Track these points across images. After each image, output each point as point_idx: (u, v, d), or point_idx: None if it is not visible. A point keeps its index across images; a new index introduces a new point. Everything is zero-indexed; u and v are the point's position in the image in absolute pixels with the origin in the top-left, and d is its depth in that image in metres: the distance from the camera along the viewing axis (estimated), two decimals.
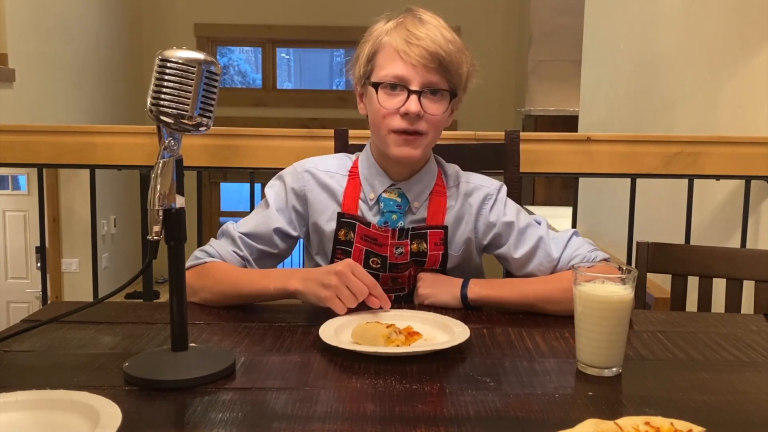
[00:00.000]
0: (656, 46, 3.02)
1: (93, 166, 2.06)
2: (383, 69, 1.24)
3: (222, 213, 6.61)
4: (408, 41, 1.21)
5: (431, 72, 1.22)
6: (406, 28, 1.22)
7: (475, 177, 1.37)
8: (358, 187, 1.33)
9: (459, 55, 1.24)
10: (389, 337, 1.02)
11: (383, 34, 1.25)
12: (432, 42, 1.21)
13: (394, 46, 1.22)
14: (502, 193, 1.35)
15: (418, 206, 1.31)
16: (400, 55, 1.21)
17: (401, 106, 1.22)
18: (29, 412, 0.80)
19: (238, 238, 1.29)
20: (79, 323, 1.13)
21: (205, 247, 1.30)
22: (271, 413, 0.82)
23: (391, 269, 1.30)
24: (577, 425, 0.75)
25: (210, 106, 0.92)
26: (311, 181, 1.33)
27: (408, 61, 1.21)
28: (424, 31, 1.22)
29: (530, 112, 5.41)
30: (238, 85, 7.07)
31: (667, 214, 2.64)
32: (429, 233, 1.30)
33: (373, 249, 1.29)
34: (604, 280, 0.95)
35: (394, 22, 1.26)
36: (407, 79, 1.22)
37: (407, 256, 1.29)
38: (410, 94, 1.22)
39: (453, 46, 1.23)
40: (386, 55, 1.24)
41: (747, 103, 2.29)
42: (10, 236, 4.89)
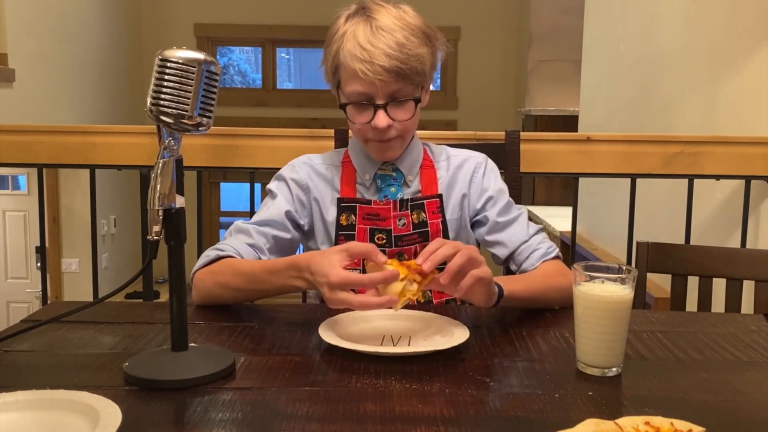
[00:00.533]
0: (656, 46, 3.02)
1: (93, 166, 2.06)
2: (347, 86, 1.27)
3: (222, 213, 6.62)
4: (362, 60, 1.21)
5: (391, 84, 1.24)
6: (358, 43, 1.22)
7: (462, 151, 1.45)
8: (353, 174, 1.38)
9: (417, 51, 1.24)
10: (405, 288, 1.00)
11: (340, 47, 1.25)
12: (386, 56, 1.21)
13: (350, 65, 1.23)
14: (490, 163, 1.43)
15: (412, 179, 1.38)
16: (358, 74, 1.23)
17: (371, 120, 1.27)
18: (29, 412, 0.80)
19: (252, 228, 1.30)
20: (79, 323, 1.13)
21: (217, 245, 1.30)
22: (271, 413, 0.82)
23: (397, 242, 1.33)
24: (577, 425, 0.75)
25: (210, 106, 0.92)
26: (310, 170, 1.39)
27: (367, 80, 1.23)
28: (376, 42, 1.21)
29: (530, 112, 5.41)
30: (238, 85, 7.08)
31: (667, 214, 2.64)
32: (426, 203, 1.36)
33: (377, 225, 1.33)
34: (604, 280, 0.95)
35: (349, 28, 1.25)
36: (370, 94, 1.26)
37: (410, 227, 1.34)
38: (376, 109, 1.26)
39: (409, 47, 1.22)
40: (347, 74, 1.26)
41: (747, 103, 2.29)
42: (10, 236, 4.89)
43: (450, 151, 1.44)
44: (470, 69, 6.34)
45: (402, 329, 1.10)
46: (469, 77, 6.34)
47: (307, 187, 1.38)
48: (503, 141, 1.62)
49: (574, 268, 0.97)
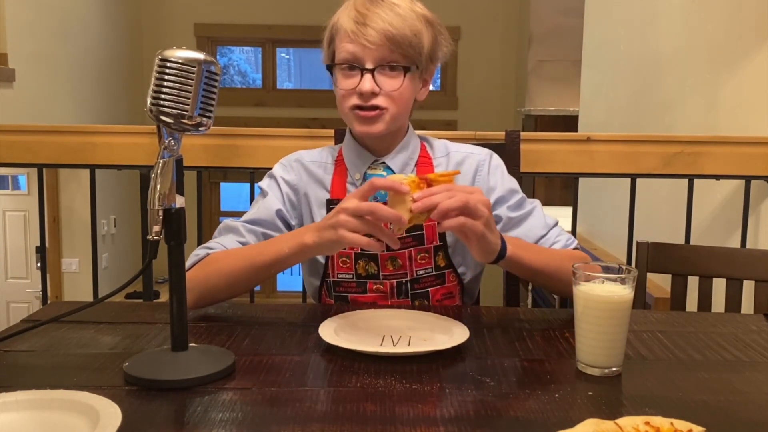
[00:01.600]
0: (656, 46, 3.02)
1: (93, 166, 2.07)
2: (338, 52, 1.26)
3: (222, 213, 6.61)
4: (356, 22, 1.22)
5: (383, 49, 1.22)
6: (356, 8, 1.24)
7: (465, 146, 1.39)
8: (345, 172, 1.35)
9: (413, 26, 1.24)
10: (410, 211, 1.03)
11: (337, 19, 1.27)
12: (381, 20, 1.22)
13: (344, 27, 1.24)
14: (495, 159, 1.38)
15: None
16: (350, 37, 1.23)
17: (357, 85, 1.24)
18: (29, 412, 0.80)
19: (241, 226, 1.29)
20: (79, 323, 1.13)
21: (207, 244, 1.28)
22: (271, 413, 0.82)
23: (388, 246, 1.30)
24: (577, 425, 0.75)
25: (210, 106, 0.92)
26: (301, 170, 1.36)
27: (358, 41, 1.22)
28: (373, 9, 1.23)
29: (530, 112, 5.41)
30: (238, 85, 7.08)
31: (667, 214, 2.64)
32: None
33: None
34: (604, 280, 0.95)
35: (346, 4, 1.28)
36: (359, 58, 1.24)
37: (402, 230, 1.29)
38: (364, 73, 1.24)
39: (405, 20, 1.23)
40: (340, 38, 1.26)
41: (747, 103, 2.29)
42: (10, 236, 4.89)
43: (451, 147, 1.39)
44: (470, 69, 6.34)
45: (402, 329, 1.10)
46: (469, 77, 6.34)
47: (297, 186, 1.35)
48: (503, 141, 1.62)
49: (573, 268, 0.97)
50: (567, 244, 1.30)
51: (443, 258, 1.32)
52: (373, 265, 1.30)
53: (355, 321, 1.13)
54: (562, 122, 5.13)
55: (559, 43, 5.44)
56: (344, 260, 1.31)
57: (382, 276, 1.30)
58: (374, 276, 1.30)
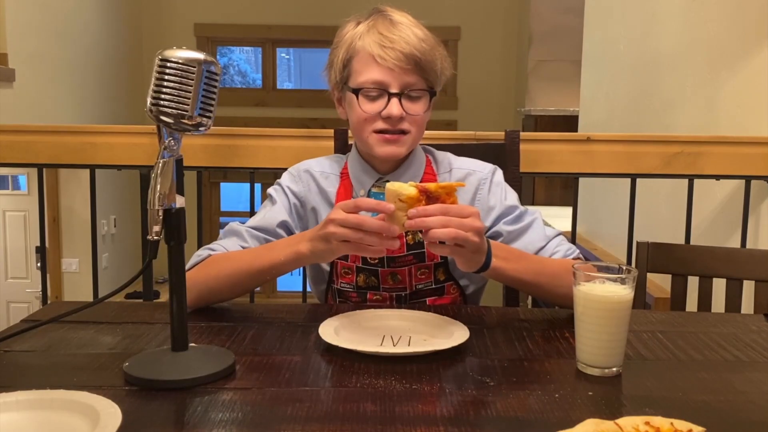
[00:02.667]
0: (656, 46, 3.02)
1: (93, 166, 2.07)
2: (361, 75, 1.25)
3: (222, 213, 6.62)
4: (382, 45, 1.22)
5: (408, 73, 1.23)
6: (379, 32, 1.23)
7: (468, 162, 1.38)
8: (349, 188, 1.35)
9: (433, 52, 1.25)
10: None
11: (356, 39, 1.26)
12: (406, 44, 1.22)
13: (368, 51, 1.23)
14: (497, 176, 1.36)
15: None
16: (376, 60, 1.22)
17: (382, 109, 1.24)
18: (29, 412, 0.80)
19: (245, 231, 1.29)
20: (79, 323, 1.13)
21: (210, 245, 1.29)
22: (270, 413, 0.82)
23: (390, 263, 1.30)
24: (577, 425, 0.75)
25: (210, 106, 0.92)
26: (310, 181, 1.36)
27: (385, 65, 1.22)
28: (396, 33, 1.23)
29: (530, 112, 5.41)
30: (238, 85, 7.08)
31: (667, 214, 2.64)
32: None
33: None
34: (604, 280, 0.95)
35: (365, 25, 1.26)
36: (386, 83, 1.24)
37: (404, 248, 1.30)
38: (390, 97, 1.24)
39: (426, 44, 1.24)
40: (362, 61, 1.25)
41: (747, 103, 2.29)
42: (10, 236, 4.89)
43: (454, 162, 1.38)
44: (470, 69, 6.33)
45: (402, 329, 1.10)
46: (469, 77, 6.34)
47: (305, 199, 1.35)
48: (503, 141, 1.62)
49: (573, 268, 0.97)
50: (567, 254, 1.28)
51: (443, 273, 1.33)
52: (374, 278, 1.32)
53: (355, 321, 1.13)
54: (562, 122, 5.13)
55: (559, 43, 5.44)
56: (346, 270, 1.33)
57: (382, 288, 1.32)
58: (374, 288, 1.32)
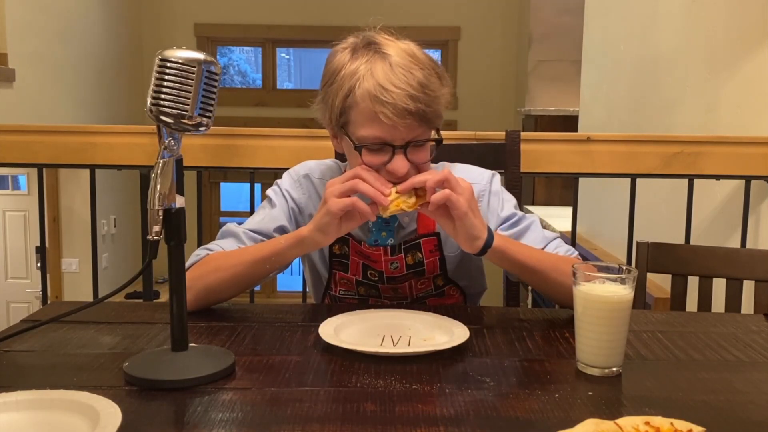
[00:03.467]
0: (656, 46, 3.02)
1: (93, 166, 2.06)
2: (361, 128, 1.15)
3: (222, 213, 6.61)
4: (384, 101, 1.10)
5: (413, 128, 1.14)
6: (378, 82, 1.11)
7: (465, 171, 1.34)
8: None
9: (437, 94, 1.15)
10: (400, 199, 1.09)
11: (354, 87, 1.14)
12: (408, 97, 1.10)
13: (369, 106, 1.12)
14: (494, 185, 1.33)
15: (408, 220, 1.30)
16: (379, 117, 1.12)
17: (386, 161, 1.15)
18: (29, 412, 0.80)
19: (242, 233, 1.28)
20: (79, 323, 1.13)
21: (207, 245, 1.28)
22: (270, 413, 0.82)
23: (389, 282, 1.30)
24: (577, 425, 0.75)
25: (210, 106, 0.92)
26: (310, 187, 1.34)
27: (387, 123, 1.12)
28: (397, 82, 1.11)
29: (530, 112, 5.41)
30: (238, 85, 7.07)
31: (667, 214, 2.64)
32: (422, 242, 1.29)
33: (369, 264, 1.29)
34: (604, 280, 0.95)
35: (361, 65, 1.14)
36: (389, 139, 1.14)
37: (403, 269, 1.29)
38: (396, 151, 1.15)
39: (429, 89, 1.13)
40: (362, 115, 1.14)
41: (747, 103, 2.29)
42: (10, 236, 4.89)
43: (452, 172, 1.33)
44: (470, 69, 6.34)
45: (402, 329, 1.10)
46: (469, 77, 6.34)
47: (304, 206, 1.33)
48: (503, 141, 1.62)
49: (573, 268, 0.97)
50: (566, 254, 1.26)
51: (442, 279, 1.33)
52: (374, 291, 1.32)
53: (355, 321, 1.13)
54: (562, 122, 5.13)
55: (559, 43, 5.44)
56: (346, 282, 1.33)
57: (384, 297, 1.32)
58: (375, 297, 1.32)
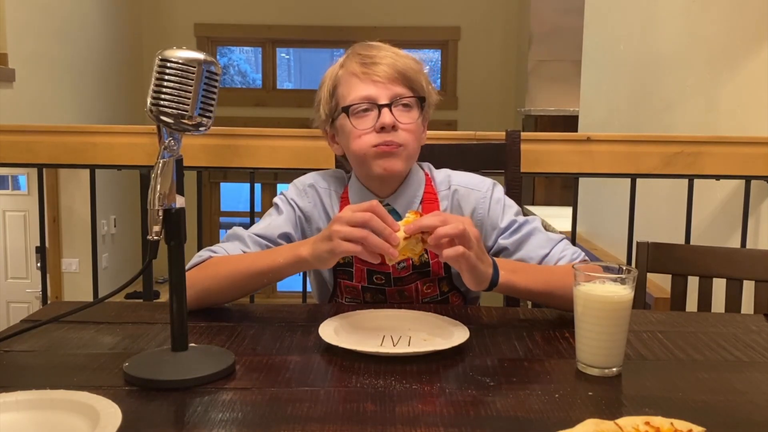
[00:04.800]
0: (656, 46, 3.02)
1: (93, 166, 2.07)
2: (348, 95, 1.26)
3: (222, 213, 6.62)
4: (364, 63, 1.26)
5: (395, 84, 1.25)
6: (358, 53, 1.27)
7: (466, 179, 1.35)
8: None
9: (416, 66, 1.29)
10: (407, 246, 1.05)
11: (337, 68, 1.30)
12: (388, 58, 1.26)
13: (351, 71, 1.26)
14: (496, 193, 1.33)
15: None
16: (360, 78, 1.25)
17: (375, 122, 1.24)
18: (29, 412, 0.80)
19: (247, 237, 1.28)
20: (79, 323, 1.13)
21: (212, 247, 1.28)
22: (270, 413, 0.82)
23: (396, 283, 1.30)
24: (577, 425, 0.75)
25: (210, 106, 0.92)
26: (316, 197, 1.35)
27: (370, 80, 1.25)
28: (375, 51, 1.27)
29: (530, 112, 5.41)
30: (238, 85, 7.08)
31: (667, 214, 2.64)
32: None
33: (374, 267, 1.28)
34: (605, 280, 0.95)
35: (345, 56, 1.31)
36: (374, 96, 1.24)
37: (410, 269, 1.29)
38: (381, 109, 1.24)
39: (408, 58, 1.28)
40: (347, 83, 1.27)
41: (747, 103, 2.29)
42: (10, 236, 4.90)
43: (453, 180, 1.35)
44: (470, 69, 6.34)
45: (402, 329, 1.10)
46: (469, 77, 6.34)
47: (310, 214, 1.33)
48: (503, 141, 1.62)
49: (574, 268, 0.97)
50: (573, 258, 1.26)
51: (447, 284, 1.33)
52: (381, 296, 1.32)
53: (355, 321, 1.13)
54: (562, 122, 5.13)
55: (559, 43, 5.44)
56: (351, 290, 1.32)
57: (390, 302, 1.32)
58: (381, 302, 1.32)
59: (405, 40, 5.60)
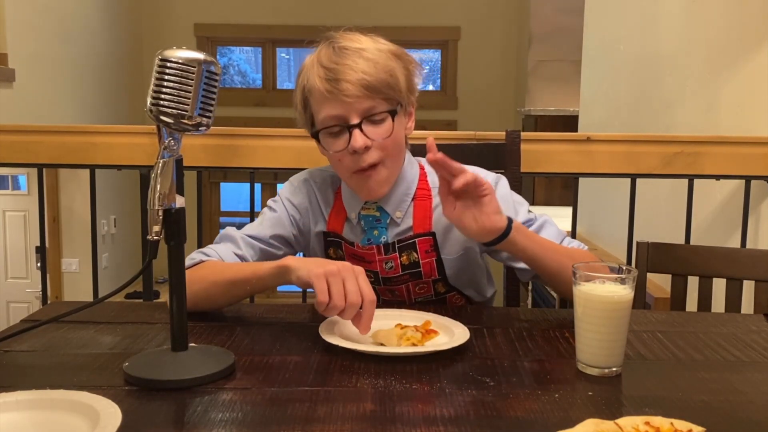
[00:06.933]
0: (656, 46, 3.02)
1: (93, 166, 2.06)
2: (319, 113, 1.20)
3: (222, 213, 6.61)
4: (327, 79, 1.16)
5: (363, 100, 1.17)
6: (321, 65, 1.18)
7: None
8: (342, 211, 1.31)
9: (386, 66, 1.18)
10: (405, 335, 1.03)
11: (305, 79, 1.21)
12: (353, 71, 1.15)
13: (318, 88, 1.17)
14: (501, 189, 1.29)
15: (401, 215, 1.28)
16: (326, 96, 1.17)
17: (347, 145, 1.18)
18: (29, 412, 0.80)
19: (240, 238, 1.27)
20: (79, 323, 1.13)
21: (203, 249, 1.27)
22: (270, 413, 0.82)
23: (385, 283, 1.29)
24: (577, 425, 0.75)
25: (210, 106, 0.92)
26: (310, 190, 1.33)
27: (336, 99, 1.16)
28: (341, 62, 1.16)
29: (530, 112, 5.41)
30: (238, 85, 7.08)
31: (667, 214, 2.64)
32: (417, 242, 1.26)
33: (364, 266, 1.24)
34: (605, 280, 0.95)
35: (310, 59, 1.22)
36: (342, 116, 1.18)
37: (398, 269, 1.27)
38: (351, 129, 1.17)
39: (377, 63, 1.17)
40: (316, 100, 1.20)
41: (747, 103, 2.29)
42: (10, 236, 4.89)
43: None
44: (470, 69, 6.34)
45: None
46: (469, 77, 6.34)
47: (306, 210, 1.33)
48: (503, 141, 1.62)
49: (574, 268, 0.97)
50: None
51: (443, 285, 1.31)
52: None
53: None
54: (562, 122, 5.13)
55: (559, 43, 5.44)
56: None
57: (382, 299, 1.30)
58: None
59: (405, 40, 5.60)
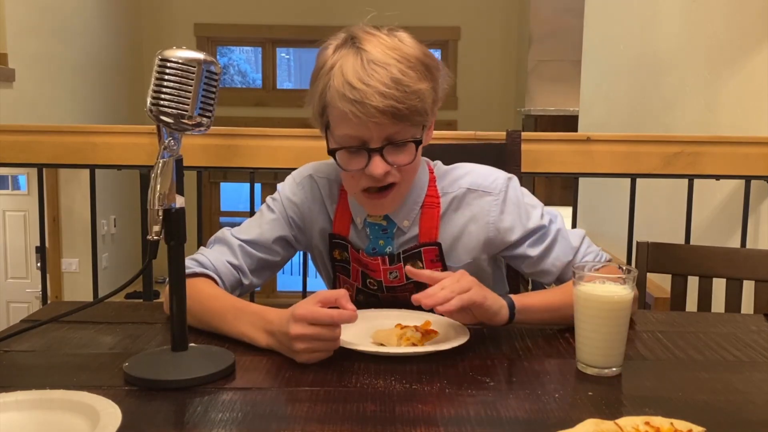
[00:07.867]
0: (656, 46, 3.02)
1: (93, 166, 2.07)
2: (337, 129, 1.10)
3: (222, 213, 6.61)
4: (353, 100, 1.04)
5: (388, 126, 1.07)
6: (347, 82, 1.05)
7: (478, 177, 1.23)
8: (346, 214, 1.26)
9: (417, 87, 1.07)
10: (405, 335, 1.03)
11: (327, 86, 1.09)
12: (380, 95, 1.04)
13: (340, 107, 1.06)
14: (511, 191, 1.22)
15: (408, 224, 1.22)
16: (349, 117, 1.05)
17: (365, 166, 1.10)
18: (29, 412, 0.80)
19: (238, 247, 1.22)
20: (79, 323, 1.13)
21: (196, 256, 1.20)
22: (271, 413, 0.82)
23: (389, 291, 1.26)
24: (577, 425, 0.75)
25: (210, 106, 0.92)
26: (314, 186, 1.27)
27: (359, 122, 1.06)
28: (365, 77, 1.05)
29: (530, 112, 5.42)
30: (238, 85, 7.08)
31: (667, 214, 2.64)
32: (423, 251, 1.22)
33: (368, 272, 1.25)
34: (605, 280, 0.95)
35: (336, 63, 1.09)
36: (364, 138, 1.09)
37: (403, 279, 1.23)
38: (371, 154, 1.09)
39: (406, 81, 1.06)
40: (336, 116, 1.09)
41: (747, 103, 2.29)
42: (10, 236, 4.89)
43: (462, 181, 1.23)
44: (470, 69, 6.34)
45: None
46: (469, 77, 6.34)
47: (308, 209, 1.26)
48: (504, 141, 1.62)
49: (574, 268, 0.97)
50: (596, 261, 1.20)
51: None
52: (374, 299, 1.29)
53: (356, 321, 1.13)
54: (562, 122, 5.13)
55: (559, 43, 5.45)
56: (349, 287, 1.31)
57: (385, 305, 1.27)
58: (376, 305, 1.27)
59: None
